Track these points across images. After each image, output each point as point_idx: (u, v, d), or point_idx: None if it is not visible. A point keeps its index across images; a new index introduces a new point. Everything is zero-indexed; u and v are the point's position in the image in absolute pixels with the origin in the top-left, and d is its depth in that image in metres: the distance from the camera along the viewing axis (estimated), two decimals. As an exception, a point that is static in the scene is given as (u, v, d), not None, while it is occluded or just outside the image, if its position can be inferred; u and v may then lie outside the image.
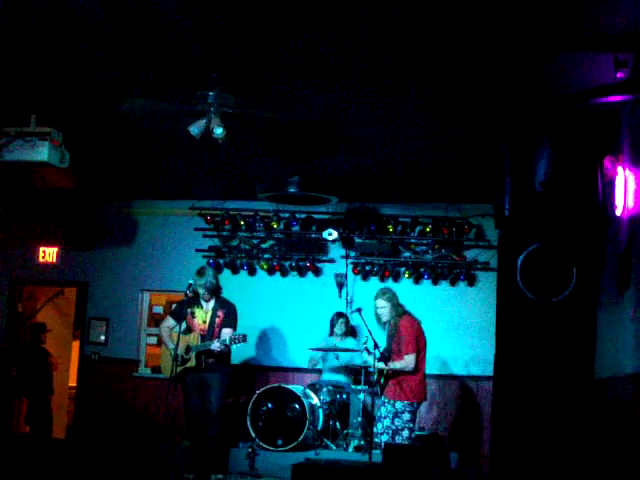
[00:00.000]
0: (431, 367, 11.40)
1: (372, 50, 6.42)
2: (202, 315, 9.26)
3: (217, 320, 9.22)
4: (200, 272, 9.42)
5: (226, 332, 9.12)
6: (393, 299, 8.71)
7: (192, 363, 9.06)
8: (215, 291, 9.34)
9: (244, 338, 9.02)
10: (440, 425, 11.38)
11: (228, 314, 9.27)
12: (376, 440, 8.55)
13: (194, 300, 9.29)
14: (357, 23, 5.92)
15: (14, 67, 7.10)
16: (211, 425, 9.11)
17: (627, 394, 6.53)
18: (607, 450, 7.05)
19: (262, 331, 11.89)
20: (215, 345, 8.94)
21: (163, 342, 9.53)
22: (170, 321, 9.42)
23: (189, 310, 9.29)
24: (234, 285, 11.54)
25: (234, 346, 9.04)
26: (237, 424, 10.42)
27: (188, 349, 9.08)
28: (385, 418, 8.54)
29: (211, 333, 9.16)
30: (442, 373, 11.56)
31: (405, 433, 8.47)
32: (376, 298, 8.79)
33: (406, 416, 8.48)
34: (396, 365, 8.54)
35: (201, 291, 9.23)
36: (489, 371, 9.64)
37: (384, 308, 8.67)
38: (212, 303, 9.29)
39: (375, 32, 6.08)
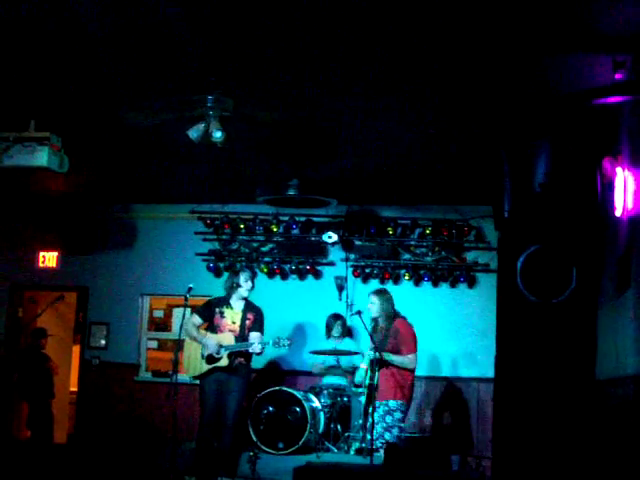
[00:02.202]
0: (432, 369, 11.47)
1: (372, 53, 6.42)
2: (232, 316, 9.24)
3: (247, 322, 9.23)
4: (244, 270, 9.51)
5: (255, 336, 9.15)
6: (384, 299, 8.87)
7: (224, 363, 9.04)
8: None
9: (290, 342, 9.19)
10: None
11: (257, 317, 9.32)
12: (364, 445, 8.51)
13: (223, 300, 9.32)
14: (356, 25, 5.92)
15: (13, 72, 7.10)
16: (227, 432, 9.10)
17: (628, 395, 6.53)
18: (609, 451, 7.04)
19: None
20: (255, 347, 8.98)
21: (193, 339, 9.28)
22: (197, 318, 9.33)
23: (217, 309, 9.27)
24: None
25: (276, 348, 9.20)
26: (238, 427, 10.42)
27: (220, 347, 9.04)
28: (377, 424, 8.51)
29: (242, 334, 9.16)
30: (442, 375, 11.57)
31: (395, 431, 8.47)
32: (369, 294, 9.06)
33: (397, 415, 8.53)
34: (396, 359, 8.54)
35: (248, 286, 9.24)
36: (490, 373, 9.63)
37: (373, 305, 8.85)
38: (242, 305, 9.30)
39: (375, 35, 6.08)
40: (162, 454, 9.61)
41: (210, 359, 9.10)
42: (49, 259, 12.70)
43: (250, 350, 9.04)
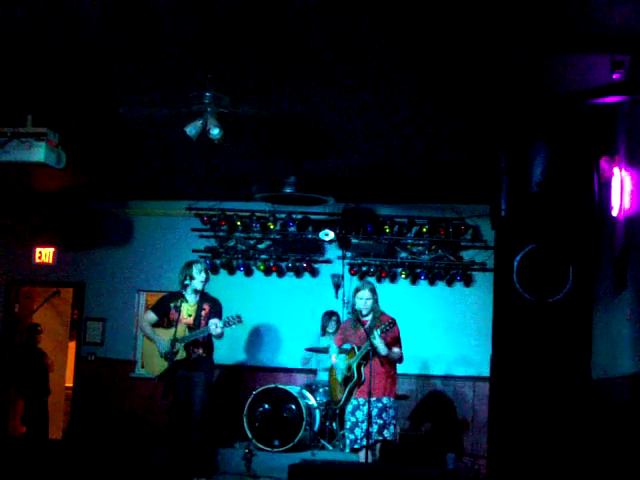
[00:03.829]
0: (427, 367, 11.49)
1: (369, 51, 6.42)
2: (188, 308, 8.99)
3: (203, 313, 8.98)
4: (197, 262, 9.36)
5: (213, 322, 8.82)
6: (376, 292, 8.51)
7: (181, 355, 8.77)
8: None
9: (239, 319, 8.78)
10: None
11: (214, 307, 9.04)
12: (355, 446, 8.38)
13: (178, 294, 9.05)
14: (354, 22, 5.92)
15: (10, 67, 7.09)
16: (196, 427, 8.82)
17: (623, 394, 6.54)
18: (604, 450, 7.06)
19: (259, 332, 11.89)
20: (212, 329, 8.69)
21: (147, 337, 9.13)
22: (151, 315, 9.15)
23: (172, 304, 9.00)
24: (231, 286, 11.55)
25: (228, 329, 8.89)
26: (233, 424, 10.42)
27: (174, 342, 8.73)
28: (363, 422, 8.22)
29: (197, 324, 8.92)
30: (439, 374, 11.58)
31: (391, 429, 8.36)
32: (361, 289, 8.50)
33: (392, 412, 8.37)
34: (393, 352, 8.38)
35: (202, 278, 9.02)
36: (486, 372, 9.64)
37: (369, 300, 8.40)
38: (197, 297, 9.06)
39: (372, 32, 6.08)
40: (157, 451, 9.62)
41: (170, 355, 8.77)
42: (46, 255, 12.70)
43: (212, 332, 8.74)
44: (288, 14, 5.80)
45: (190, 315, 8.98)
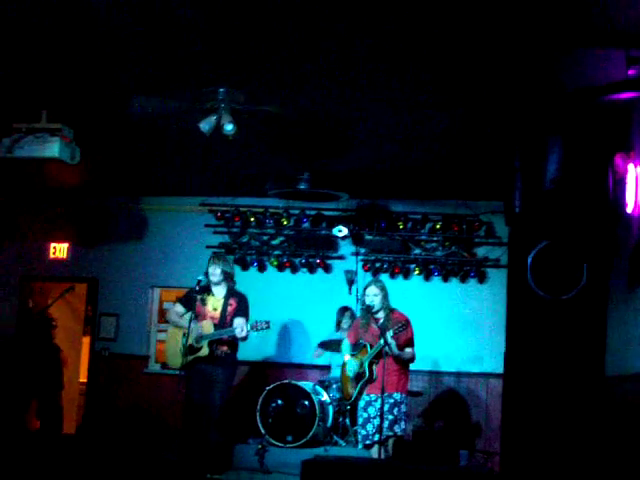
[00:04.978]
0: (441, 364, 11.47)
1: (384, 46, 6.41)
2: (214, 302, 8.98)
3: (229, 308, 8.95)
4: (220, 255, 9.42)
5: (239, 322, 8.82)
6: (385, 288, 8.54)
7: (204, 352, 8.75)
8: (230, 278, 9.17)
9: (267, 324, 8.77)
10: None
11: (240, 303, 9.01)
12: (368, 442, 8.35)
13: (205, 288, 9.04)
14: (367, 17, 5.91)
15: (25, 63, 7.12)
16: (213, 425, 8.82)
17: (637, 391, 6.52)
18: (617, 447, 7.04)
19: (272, 328, 11.86)
20: (238, 332, 8.67)
21: (178, 326, 9.05)
22: (179, 307, 9.16)
23: (199, 297, 8.94)
24: (244, 281, 11.46)
25: (255, 333, 8.89)
26: (246, 420, 10.43)
27: (199, 338, 8.75)
28: (375, 418, 8.25)
29: (223, 321, 8.88)
30: (452, 370, 11.56)
31: (402, 424, 8.36)
32: (369, 286, 8.57)
33: (404, 408, 8.37)
34: (407, 352, 8.41)
35: (216, 274, 8.94)
36: (499, 368, 9.63)
37: (377, 296, 8.42)
38: (224, 291, 9.05)
39: (386, 26, 6.07)
40: (171, 447, 9.64)
41: (191, 349, 8.77)
42: (60, 250, 12.74)
43: (237, 335, 8.72)
44: (305, 10, 5.80)
45: (215, 309, 8.97)
